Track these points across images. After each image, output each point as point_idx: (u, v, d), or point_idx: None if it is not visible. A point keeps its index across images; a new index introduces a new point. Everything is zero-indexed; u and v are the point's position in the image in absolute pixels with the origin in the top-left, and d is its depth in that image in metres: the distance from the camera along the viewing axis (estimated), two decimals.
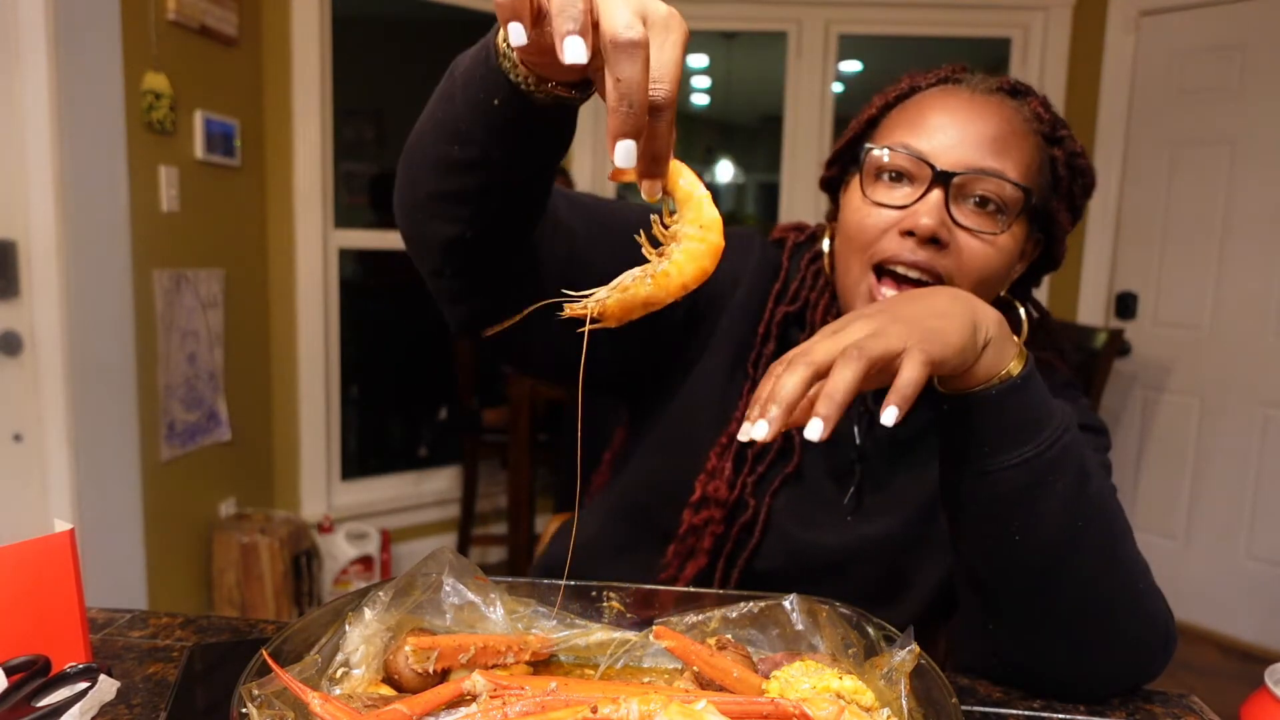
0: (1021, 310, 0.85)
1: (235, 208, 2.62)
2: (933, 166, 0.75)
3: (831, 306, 0.87)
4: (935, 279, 0.76)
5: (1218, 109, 2.88)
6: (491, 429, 3.06)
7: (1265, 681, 0.63)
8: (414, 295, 3.54)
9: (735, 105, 5.57)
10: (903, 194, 0.77)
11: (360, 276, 3.32)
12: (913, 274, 0.76)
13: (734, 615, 0.65)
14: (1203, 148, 2.92)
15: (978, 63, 0.83)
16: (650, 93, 0.47)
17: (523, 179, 0.65)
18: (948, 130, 0.77)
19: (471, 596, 0.64)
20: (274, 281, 2.84)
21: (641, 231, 0.54)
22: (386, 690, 0.57)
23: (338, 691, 0.57)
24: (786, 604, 0.64)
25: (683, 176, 0.52)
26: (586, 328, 0.53)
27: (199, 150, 2.38)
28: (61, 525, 0.62)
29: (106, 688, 0.58)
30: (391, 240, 3.24)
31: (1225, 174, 2.87)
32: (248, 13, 2.61)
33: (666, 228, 0.53)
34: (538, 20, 0.48)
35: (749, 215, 5.98)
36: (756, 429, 0.56)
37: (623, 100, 0.46)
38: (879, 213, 0.78)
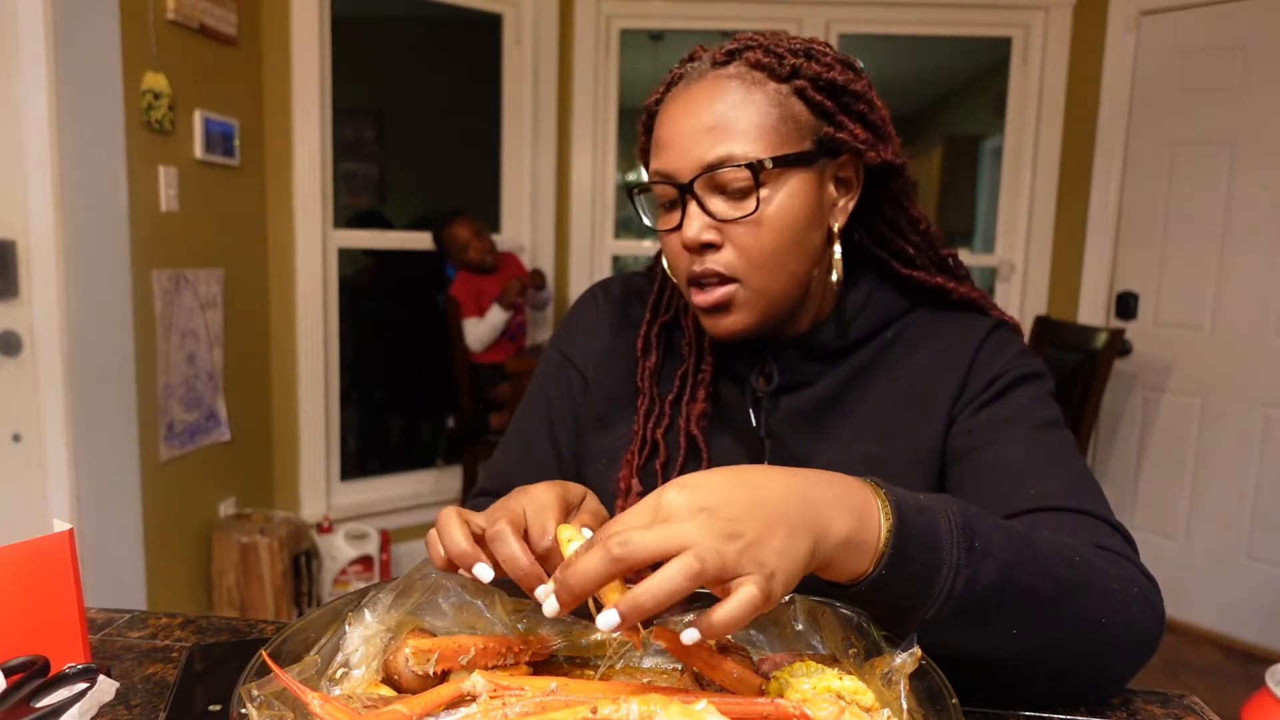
0: (837, 249, 0.84)
1: (235, 208, 2.62)
2: (676, 183, 0.79)
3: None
4: (731, 280, 0.80)
5: (1218, 109, 2.88)
6: (497, 431, 3.07)
7: (1266, 682, 0.63)
8: (414, 295, 3.55)
9: None
10: (676, 214, 0.81)
11: (360, 276, 3.32)
12: (709, 281, 0.81)
13: None
14: (1203, 148, 2.92)
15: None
16: (538, 546, 0.61)
17: None
18: (677, 139, 0.79)
19: (471, 597, 0.64)
20: (273, 281, 2.84)
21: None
22: (386, 691, 0.57)
23: (337, 692, 0.57)
24: (787, 604, 0.64)
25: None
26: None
27: (198, 150, 2.38)
28: (60, 525, 0.62)
29: (105, 688, 0.58)
30: (391, 240, 3.24)
31: (1225, 174, 2.87)
32: (247, 12, 2.61)
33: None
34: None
35: None
36: (547, 604, 0.52)
37: (514, 571, 0.59)
38: (669, 239, 0.83)
